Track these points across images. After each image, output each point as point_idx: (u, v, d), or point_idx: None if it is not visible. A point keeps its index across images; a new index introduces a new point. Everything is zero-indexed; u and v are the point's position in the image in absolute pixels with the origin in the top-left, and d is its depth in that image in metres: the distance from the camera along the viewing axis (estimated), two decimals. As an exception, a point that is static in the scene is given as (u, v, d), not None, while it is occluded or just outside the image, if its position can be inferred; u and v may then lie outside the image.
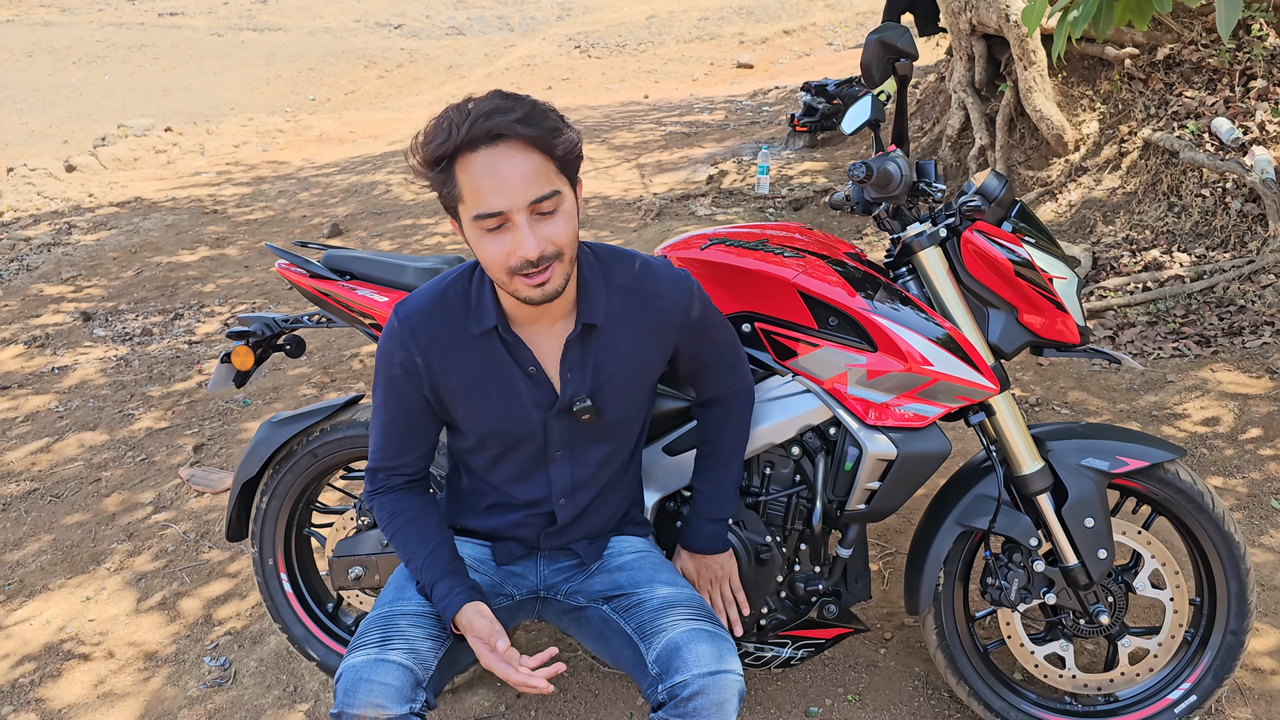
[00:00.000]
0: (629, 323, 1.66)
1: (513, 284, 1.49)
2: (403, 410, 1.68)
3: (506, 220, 1.44)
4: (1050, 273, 1.89)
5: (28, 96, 17.53)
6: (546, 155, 1.45)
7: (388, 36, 21.13)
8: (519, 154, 1.42)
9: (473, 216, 1.45)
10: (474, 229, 1.47)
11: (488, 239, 1.46)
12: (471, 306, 1.62)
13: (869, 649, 2.50)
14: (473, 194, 1.44)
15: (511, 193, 1.42)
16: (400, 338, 1.62)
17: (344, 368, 4.49)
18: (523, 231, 1.44)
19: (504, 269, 1.47)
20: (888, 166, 1.86)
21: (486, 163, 1.42)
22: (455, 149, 1.42)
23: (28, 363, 4.88)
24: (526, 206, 1.43)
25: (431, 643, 1.60)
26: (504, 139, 1.42)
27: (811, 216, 6.40)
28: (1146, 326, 4.24)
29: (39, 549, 3.22)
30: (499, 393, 1.64)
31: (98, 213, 7.92)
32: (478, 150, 1.42)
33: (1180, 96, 5.33)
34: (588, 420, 1.66)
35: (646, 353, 1.69)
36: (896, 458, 1.89)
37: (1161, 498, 2.01)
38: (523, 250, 1.44)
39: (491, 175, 1.42)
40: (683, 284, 1.70)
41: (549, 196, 1.44)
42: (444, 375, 1.63)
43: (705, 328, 1.75)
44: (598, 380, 1.66)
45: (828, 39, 17.15)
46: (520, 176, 1.42)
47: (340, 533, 2.38)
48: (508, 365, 1.63)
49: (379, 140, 10.97)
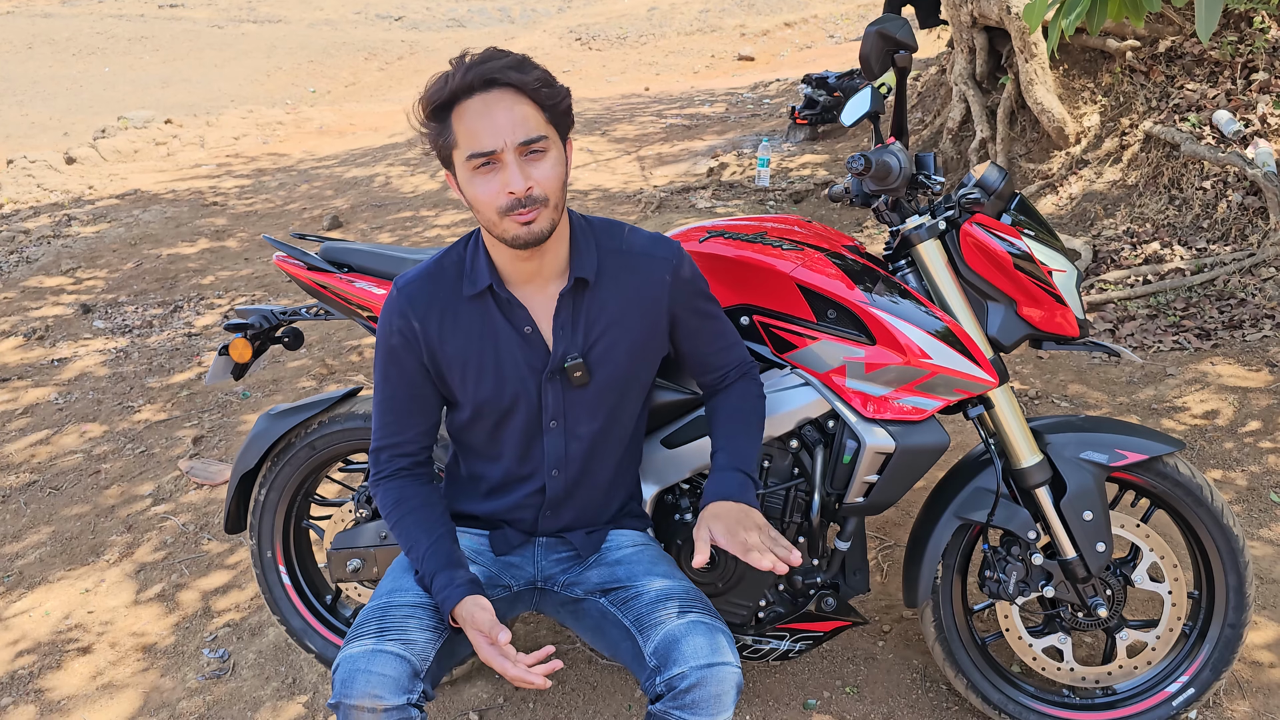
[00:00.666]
0: (619, 282, 1.70)
1: (502, 224, 1.55)
2: (403, 381, 1.71)
3: (497, 160, 1.52)
4: (1049, 265, 1.88)
5: (27, 88, 17.49)
6: (536, 104, 1.54)
7: (388, 29, 21.09)
8: (510, 98, 1.52)
9: (466, 157, 1.53)
10: (466, 171, 1.55)
11: (479, 179, 1.54)
12: (466, 271, 1.68)
13: (867, 641, 2.50)
14: (467, 136, 1.52)
15: (501, 132, 1.51)
16: (399, 306, 1.68)
17: (343, 360, 4.49)
18: (511, 170, 1.51)
19: (494, 208, 1.54)
20: (886, 159, 1.85)
21: (480, 106, 1.52)
22: (452, 96, 1.52)
23: (27, 354, 4.88)
24: (516, 146, 1.51)
25: (429, 634, 1.61)
26: (497, 85, 1.52)
27: (812, 209, 6.39)
28: (1146, 320, 4.23)
29: (38, 541, 3.23)
30: (494, 356, 1.67)
31: (97, 205, 7.91)
32: (473, 96, 1.52)
33: (1181, 89, 5.32)
34: (579, 379, 1.67)
35: (638, 313, 1.70)
36: (895, 450, 1.89)
37: (1160, 491, 2.01)
38: (511, 185, 1.51)
39: (484, 117, 1.51)
40: (670, 244, 1.75)
41: (537, 140, 1.53)
42: (440, 341, 1.67)
43: (698, 295, 1.76)
44: (589, 338, 1.68)
45: (829, 31, 17.11)
46: (511, 119, 1.51)
47: (339, 525, 2.38)
48: (503, 327, 1.67)
49: (379, 132, 10.95)
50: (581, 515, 1.82)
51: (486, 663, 1.55)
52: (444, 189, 7.76)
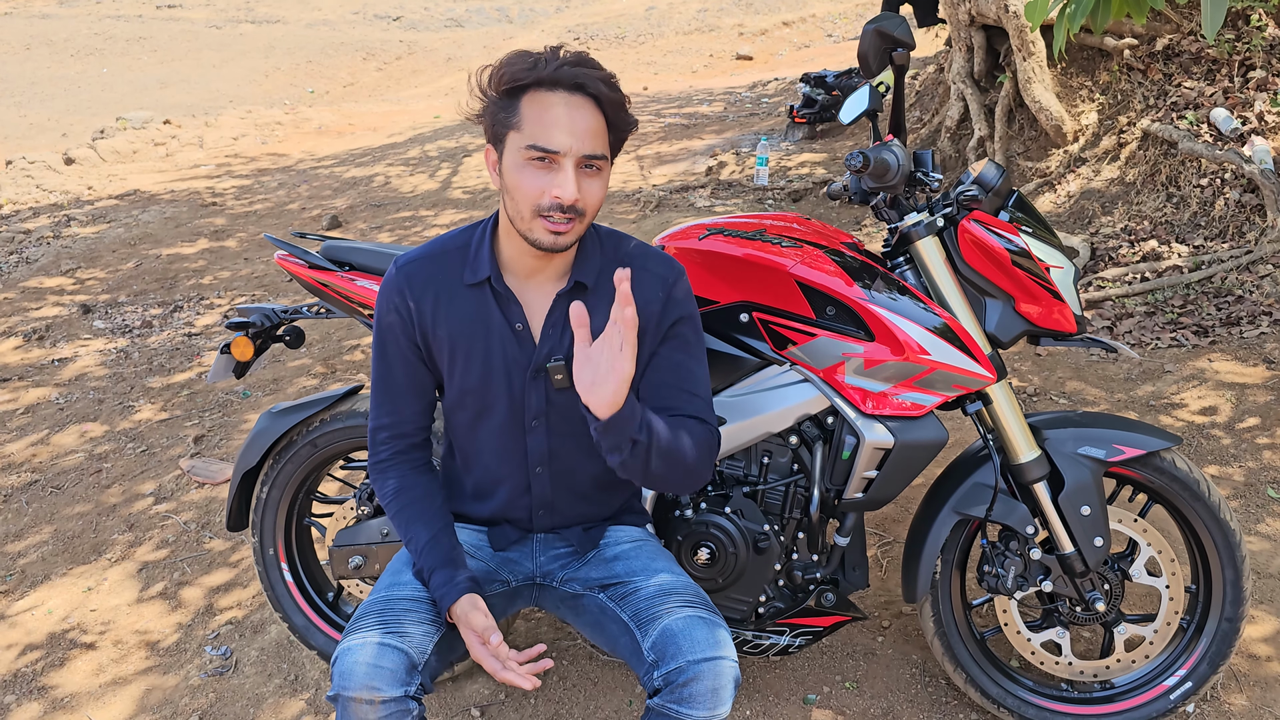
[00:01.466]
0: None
1: (532, 223, 1.54)
2: (398, 358, 1.72)
3: (556, 161, 1.51)
4: (1047, 262, 1.90)
5: (26, 89, 17.50)
6: (609, 123, 1.55)
7: (386, 29, 21.09)
8: (590, 109, 1.52)
9: (525, 145, 1.50)
10: (519, 158, 1.52)
11: (530, 171, 1.51)
12: (469, 259, 1.68)
13: (867, 637, 2.52)
14: (536, 125, 1.50)
15: (575, 138, 1.50)
16: (396, 284, 1.68)
17: (344, 359, 4.50)
18: (567, 174, 1.50)
19: (533, 205, 1.52)
20: (884, 156, 1.86)
21: (560, 104, 1.50)
22: (535, 80, 1.50)
23: (27, 355, 4.89)
24: (580, 156, 1.51)
25: (428, 628, 1.62)
26: (584, 91, 1.51)
27: (810, 207, 6.40)
28: (1145, 316, 4.25)
29: (40, 540, 3.24)
30: (484, 346, 1.67)
31: (96, 205, 7.92)
32: (556, 90, 1.51)
33: (1179, 87, 5.33)
34: (560, 381, 1.65)
35: None
36: (894, 446, 1.90)
37: (1158, 486, 2.02)
38: (562, 191, 1.50)
39: (562, 116, 1.50)
40: (672, 264, 1.73)
41: (599, 157, 1.53)
42: (433, 322, 1.67)
43: (685, 320, 1.71)
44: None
45: (827, 30, 17.12)
46: (587, 128, 1.51)
47: (340, 522, 2.39)
48: (496, 320, 1.67)
49: (378, 132, 10.96)
50: (578, 512, 1.82)
51: (478, 662, 1.56)
52: (443, 188, 7.77)
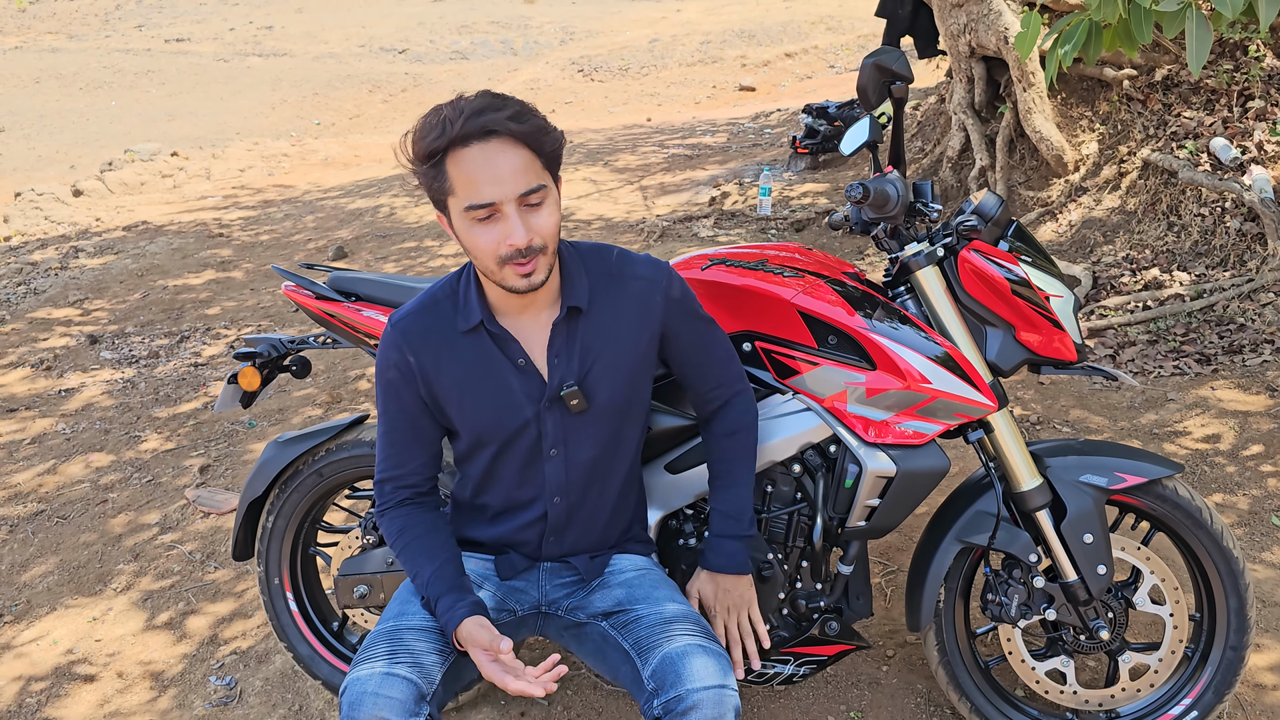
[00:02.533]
0: (611, 306, 1.71)
1: (501, 273, 1.56)
2: (402, 414, 1.73)
3: (497, 211, 1.52)
4: (1047, 291, 1.91)
5: (35, 122, 17.65)
6: (534, 151, 1.53)
7: (392, 61, 21.28)
8: (509, 149, 1.51)
9: (464, 207, 1.52)
10: (464, 220, 1.54)
11: (479, 229, 1.53)
12: (460, 306, 1.69)
13: (871, 666, 2.51)
14: (465, 185, 1.51)
15: (503, 184, 1.50)
16: (394, 340, 1.69)
17: (349, 388, 4.52)
18: (512, 221, 1.51)
19: (494, 258, 1.54)
20: (885, 187, 1.89)
21: (479, 156, 1.50)
22: (449, 143, 1.50)
23: (34, 385, 4.91)
24: (516, 198, 1.51)
25: (436, 657, 1.62)
26: (496, 135, 1.50)
27: (813, 237, 6.43)
28: (1147, 345, 4.26)
29: (46, 570, 3.24)
30: (491, 388, 1.69)
31: (104, 236, 7.97)
32: (470, 145, 1.50)
33: (1179, 117, 5.37)
34: (577, 406, 1.68)
35: (632, 334, 1.72)
36: (896, 475, 1.91)
37: (1160, 514, 2.02)
38: (512, 239, 1.51)
39: (485, 168, 1.50)
40: (660, 265, 1.76)
41: (536, 190, 1.53)
42: (436, 373, 1.69)
43: (690, 314, 1.78)
44: (585, 364, 1.70)
45: (829, 62, 17.25)
46: (511, 170, 1.50)
47: (346, 551, 2.39)
48: (497, 360, 1.68)
49: (383, 164, 11.03)
50: (585, 540, 1.83)
51: (490, 679, 1.56)
52: (448, 219, 7.81)
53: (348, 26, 24.38)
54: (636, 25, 21.97)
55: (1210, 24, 1.83)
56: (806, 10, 21.31)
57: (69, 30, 27.39)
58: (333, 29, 24.21)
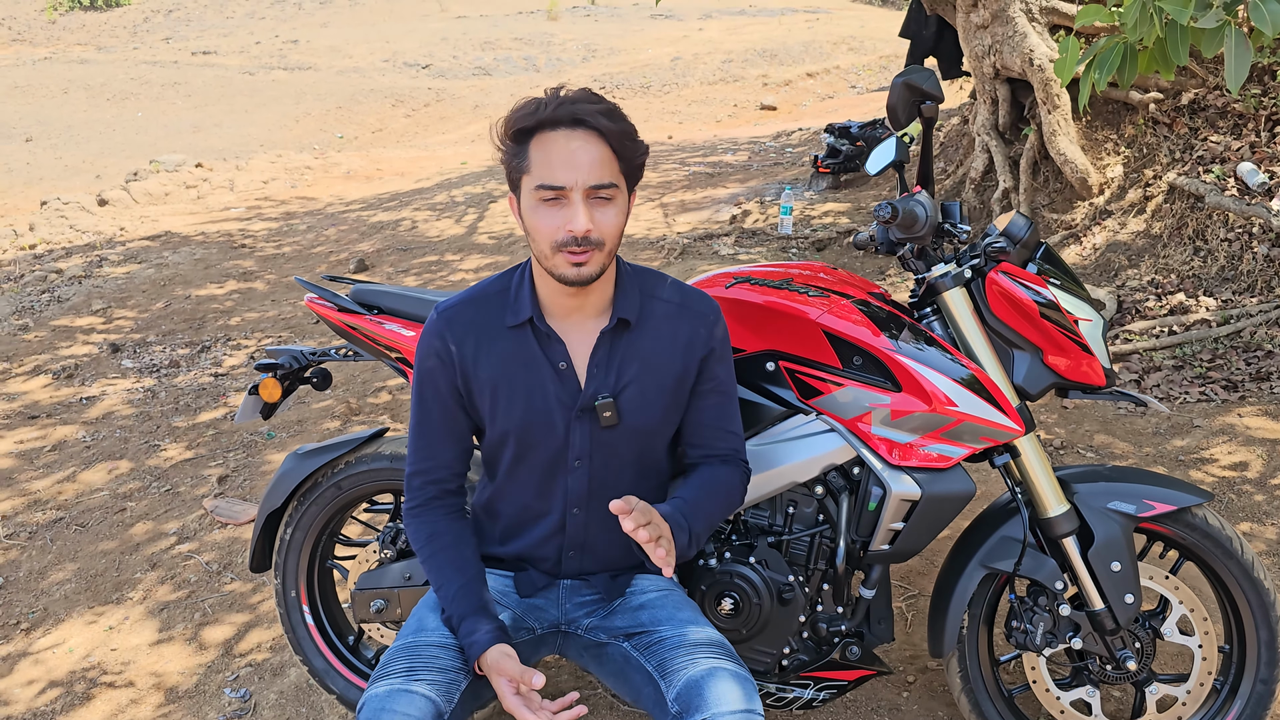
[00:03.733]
0: (659, 330, 1.72)
1: (554, 259, 1.58)
2: (437, 403, 1.73)
3: (565, 196, 1.55)
4: (1075, 314, 1.89)
5: (62, 132, 17.86)
6: (616, 153, 1.58)
7: (415, 76, 21.43)
8: (593, 142, 1.56)
9: (535, 186, 1.56)
10: (532, 199, 1.58)
11: (544, 210, 1.57)
12: (510, 302, 1.71)
13: (892, 692, 2.48)
14: (542, 165, 1.56)
15: (577, 171, 1.54)
16: (437, 328, 1.71)
17: (369, 401, 4.52)
18: (577, 208, 1.55)
19: (551, 241, 1.57)
20: (913, 208, 1.87)
21: (562, 141, 1.55)
22: (538, 123, 1.56)
23: (56, 393, 4.94)
24: (587, 188, 1.55)
25: (454, 675, 1.61)
26: (584, 126, 1.56)
27: (835, 257, 6.41)
28: (1172, 370, 4.21)
29: (64, 578, 3.25)
30: (526, 386, 1.69)
31: (128, 246, 8.04)
32: (557, 129, 1.56)
33: (1205, 141, 5.33)
34: (608, 419, 1.68)
35: (674, 361, 1.72)
36: (920, 498, 1.89)
37: (1189, 542, 1.99)
38: (573, 225, 1.54)
39: (564, 153, 1.55)
40: (711, 302, 1.78)
41: (608, 186, 1.57)
42: (475, 365, 1.69)
43: (724, 359, 1.79)
44: (622, 380, 1.70)
45: (851, 81, 17.27)
46: (589, 160, 1.55)
47: (363, 565, 2.38)
48: (538, 360, 1.69)
49: (405, 177, 11.10)
50: (605, 559, 1.82)
51: (510, 711, 1.54)
52: (469, 233, 7.84)
53: (372, 41, 24.59)
54: (659, 43, 22.06)
55: (1249, 43, 1.81)
56: (829, 30, 21.37)
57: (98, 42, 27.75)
58: (357, 44, 24.43)
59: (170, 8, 31.36)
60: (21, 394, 4.96)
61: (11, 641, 2.92)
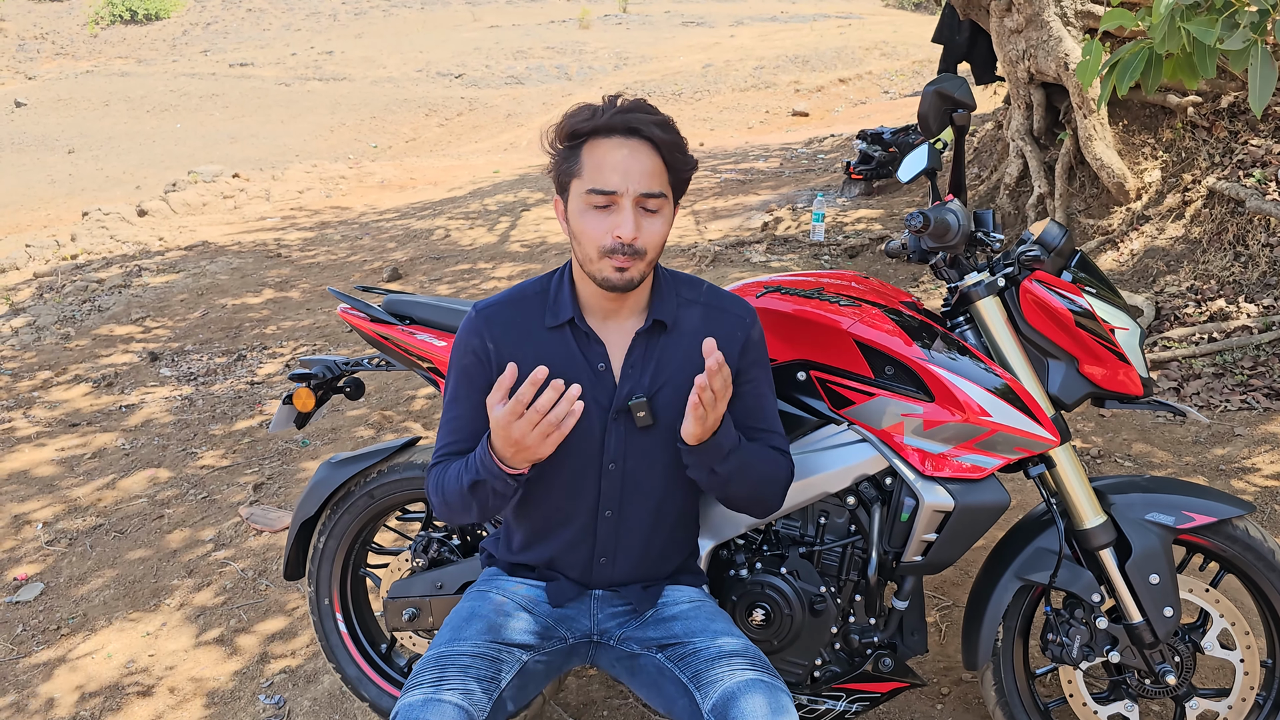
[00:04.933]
0: (694, 332, 1.73)
1: (599, 264, 1.61)
2: (470, 401, 1.74)
3: (615, 202, 1.58)
4: (1111, 323, 1.86)
5: (103, 143, 18.18)
6: (667, 164, 1.62)
7: (448, 86, 21.60)
8: (645, 152, 1.60)
9: (586, 190, 1.59)
10: (581, 203, 1.61)
11: (592, 215, 1.60)
12: (550, 303, 1.73)
13: (926, 704, 2.45)
14: (594, 170, 1.59)
15: (630, 178, 1.57)
16: (475, 326, 1.73)
17: (402, 410, 4.55)
18: (626, 214, 1.58)
19: (597, 246, 1.60)
20: (945, 216, 1.85)
21: (616, 149, 1.59)
22: (594, 129, 1.59)
23: (97, 401, 5.02)
24: (637, 196, 1.58)
25: (486, 684, 1.61)
26: (638, 135, 1.59)
27: (867, 264, 6.38)
28: (1213, 378, 4.15)
29: (103, 584, 3.29)
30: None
31: (167, 256, 8.16)
32: (612, 137, 1.59)
33: (1245, 145, 5.25)
34: (643, 420, 1.68)
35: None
36: (954, 509, 1.87)
37: (1230, 554, 1.95)
38: (621, 230, 1.57)
39: (618, 160, 1.58)
40: (746, 305, 1.79)
41: (657, 196, 1.60)
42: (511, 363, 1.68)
43: (760, 362, 1.79)
44: (657, 382, 1.70)
45: (883, 87, 17.19)
46: (641, 169, 1.58)
47: (395, 574, 2.40)
48: (577, 360, 1.70)
49: (439, 186, 11.18)
50: (637, 568, 1.81)
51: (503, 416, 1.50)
52: (502, 241, 7.88)
53: (406, 52, 24.83)
54: (690, 51, 22.09)
55: (1275, 62, 1.77)
56: (861, 36, 21.29)
57: (138, 55, 28.23)
58: (391, 54, 24.66)
59: (208, 21, 31.85)
60: (63, 402, 5.04)
61: (53, 647, 2.97)
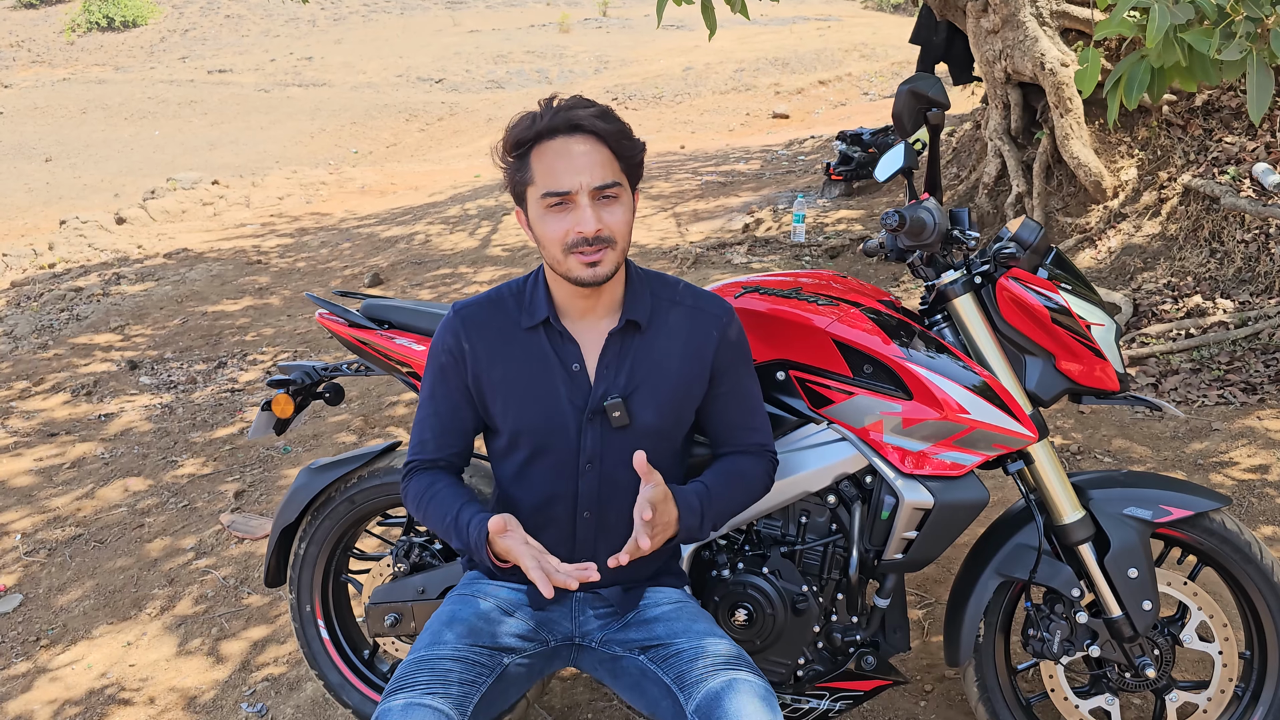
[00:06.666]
0: (669, 332, 1.74)
1: (567, 262, 1.61)
2: (446, 400, 1.76)
3: (570, 200, 1.59)
4: (1087, 319, 1.87)
5: (81, 151, 18.05)
6: (614, 153, 1.62)
7: (429, 91, 21.55)
8: (591, 145, 1.60)
9: (541, 195, 1.60)
10: (539, 208, 1.61)
11: (551, 216, 1.61)
12: (525, 304, 1.74)
13: (909, 701, 2.46)
14: (545, 174, 1.60)
15: (580, 175, 1.58)
16: (453, 326, 1.75)
17: (382, 415, 4.53)
18: (584, 210, 1.58)
19: (562, 245, 1.60)
20: (920, 215, 1.86)
21: (561, 148, 1.60)
22: (536, 135, 1.60)
23: (75, 410, 4.98)
24: (591, 190, 1.59)
25: (468, 687, 1.60)
26: (580, 130, 1.60)
27: (848, 264, 6.40)
28: (1190, 374, 4.18)
29: (83, 594, 3.27)
30: (538, 388, 1.71)
31: (145, 263, 8.10)
32: (555, 138, 1.60)
33: (1220, 142, 5.30)
34: (619, 420, 1.69)
35: (684, 363, 1.73)
36: (934, 507, 1.87)
37: (1207, 548, 1.97)
38: (581, 226, 1.58)
39: (564, 158, 1.59)
40: (723, 303, 1.79)
41: (611, 185, 1.61)
42: (488, 365, 1.72)
43: (740, 359, 1.79)
44: (633, 381, 1.71)
45: (863, 89, 17.26)
46: (590, 163, 1.59)
47: (377, 579, 2.39)
48: (551, 362, 1.71)
49: (419, 191, 11.15)
50: (619, 570, 1.81)
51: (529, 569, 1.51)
52: (483, 246, 7.87)
53: (385, 57, 24.76)
54: (670, 54, 22.12)
55: (1270, 71, 1.79)
56: (840, 38, 21.37)
57: (115, 62, 28.04)
58: (371, 59, 24.59)
59: (186, 27, 31.68)
60: (41, 411, 5.00)
61: (32, 658, 2.94)
